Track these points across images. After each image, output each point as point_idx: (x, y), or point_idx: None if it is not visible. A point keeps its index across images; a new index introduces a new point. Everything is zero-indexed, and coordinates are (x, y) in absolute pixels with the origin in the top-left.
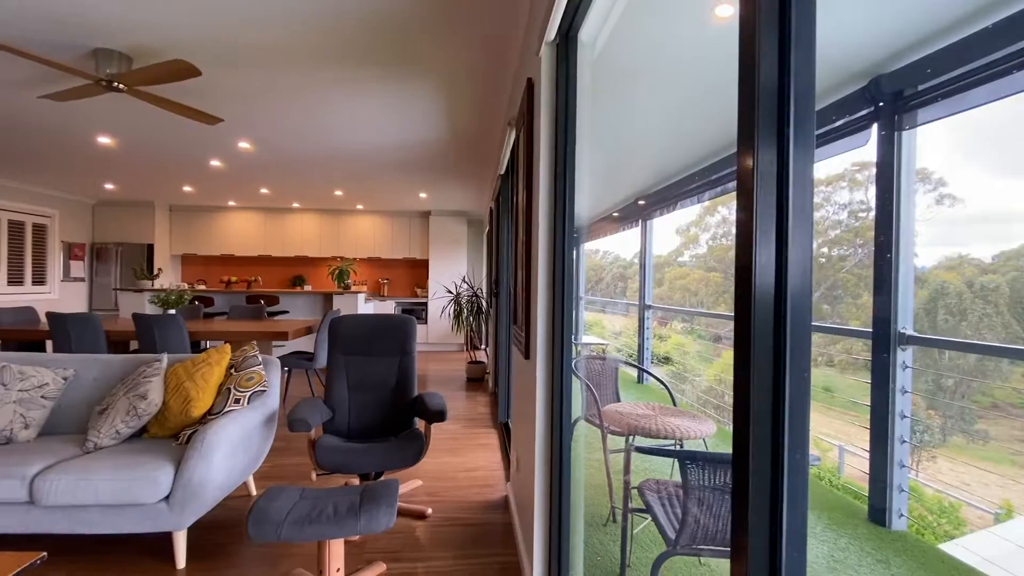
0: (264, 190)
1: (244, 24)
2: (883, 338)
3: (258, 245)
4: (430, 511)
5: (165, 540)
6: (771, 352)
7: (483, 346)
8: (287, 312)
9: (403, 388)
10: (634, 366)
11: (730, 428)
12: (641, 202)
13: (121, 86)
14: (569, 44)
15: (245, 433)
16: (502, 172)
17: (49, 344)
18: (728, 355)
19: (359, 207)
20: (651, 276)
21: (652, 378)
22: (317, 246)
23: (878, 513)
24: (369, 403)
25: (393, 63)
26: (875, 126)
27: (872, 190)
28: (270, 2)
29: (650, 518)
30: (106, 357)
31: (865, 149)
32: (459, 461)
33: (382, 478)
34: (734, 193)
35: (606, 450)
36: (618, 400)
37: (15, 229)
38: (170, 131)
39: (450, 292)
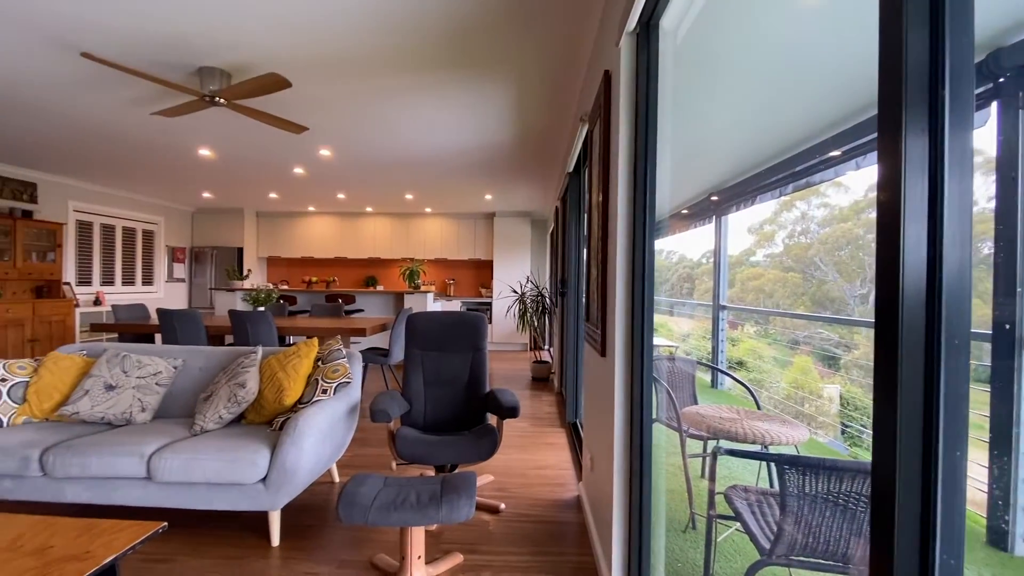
0: (341, 195)
1: (330, 36)
2: (1005, 342)
3: (335, 247)
4: (503, 506)
5: (261, 519)
6: (921, 360)
7: (547, 346)
8: (362, 310)
9: (475, 383)
10: (716, 369)
11: (817, 436)
12: (714, 197)
13: (222, 100)
14: (650, 33)
15: (331, 422)
16: (570, 169)
17: (158, 337)
18: (802, 361)
19: (427, 210)
20: (726, 276)
21: (730, 383)
22: (388, 248)
23: (998, 536)
24: (444, 397)
25: (466, 65)
26: (995, 104)
27: (993, 177)
28: (354, 15)
29: (736, 525)
30: (209, 349)
31: (983, 130)
32: (529, 458)
33: (456, 471)
34: (817, 187)
35: (684, 454)
36: (695, 403)
37: (128, 235)
38: (260, 141)
39: (515, 292)
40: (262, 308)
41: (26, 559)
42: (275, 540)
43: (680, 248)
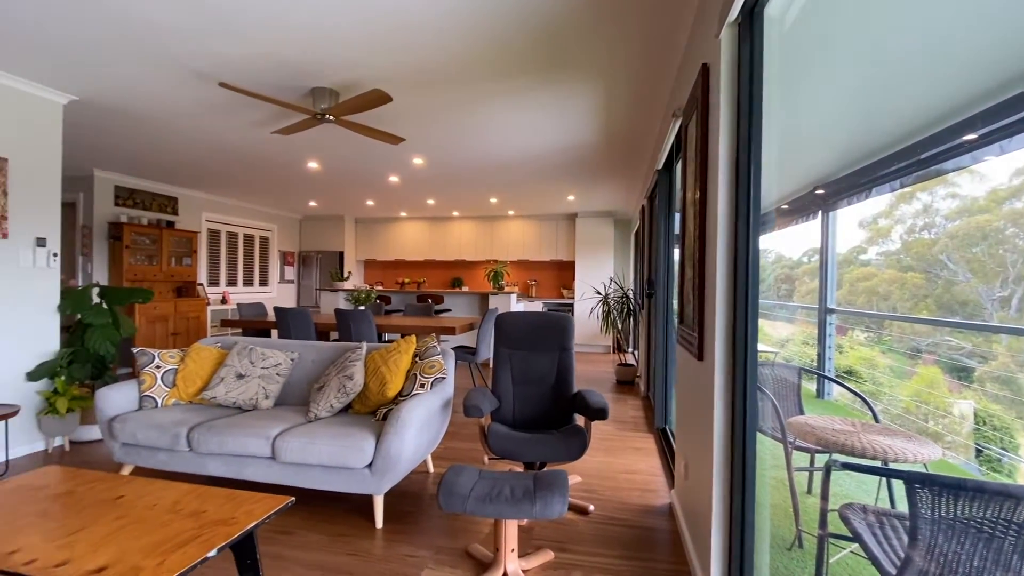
0: (430, 201)
1: (425, 52)
2: None
3: (424, 250)
4: (592, 508)
5: (366, 502)
6: None
7: (631, 348)
8: (450, 310)
9: (562, 383)
10: (825, 377)
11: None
12: (820, 191)
13: (331, 117)
14: (754, 21)
15: (428, 415)
16: (659, 166)
17: (274, 332)
18: (929, 372)
19: (510, 212)
20: (834, 276)
21: (837, 393)
22: (473, 250)
23: None
24: (531, 396)
25: (553, 68)
26: None
27: None
28: (447, 30)
29: (852, 547)
30: (320, 344)
31: None
32: (617, 462)
33: (545, 468)
34: (945, 176)
35: (790, 467)
36: (801, 413)
37: (248, 242)
38: (360, 153)
39: (598, 293)
40: (362, 307)
41: (186, 520)
42: (379, 523)
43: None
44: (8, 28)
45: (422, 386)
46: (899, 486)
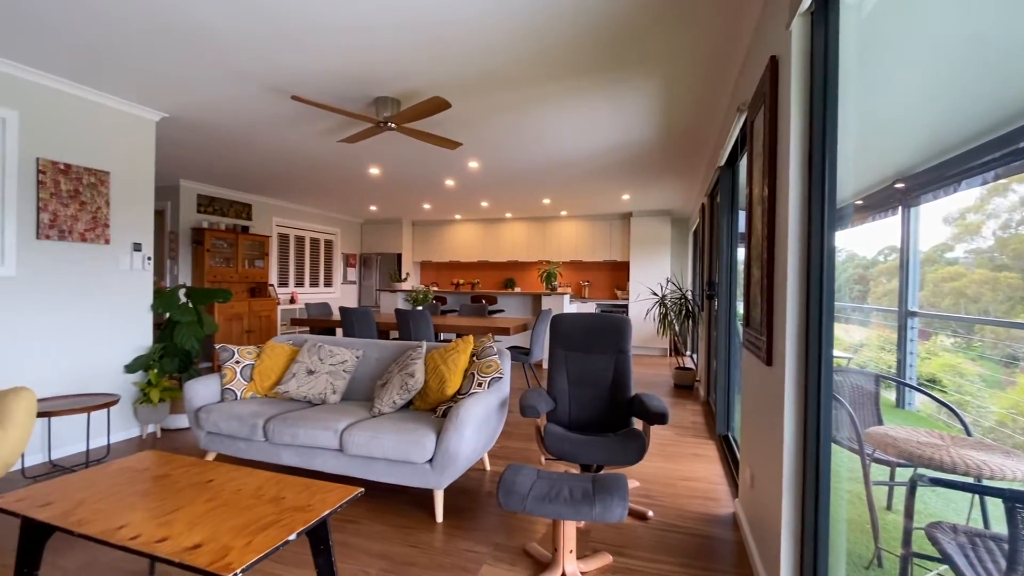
0: (484, 203)
1: (482, 58)
2: None
3: (478, 251)
4: (651, 513)
5: (426, 496)
6: None
7: (688, 352)
8: (503, 310)
9: (619, 386)
10: (908, 385)
11: None
12: (900, 184)
13: (392, 125)
14: (828, 10)
15: (486, 413)
16: (721, 163)
17: (338, 330)
18: None
19: (563, 213)
20: (916, 276)
21: (920, 403)
22: (525, 251)
23: None
24: (587, 398)
25: (610, 67)
26: None
27: None
28: (504, 35)
29: (940, 569)
30: (383, 342)
31: None
32: (676, 468)
33: (602, 472)
34: None
35: (868, 480)
36: (880, 423)
37: (314, 245)
38: (418, 158)
39: (654, 294)
40: (420, 307)
41: (267, 505)
42: (439, 517)
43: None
44: (110, 55)
45: (480, 385)
46: (994, 506)
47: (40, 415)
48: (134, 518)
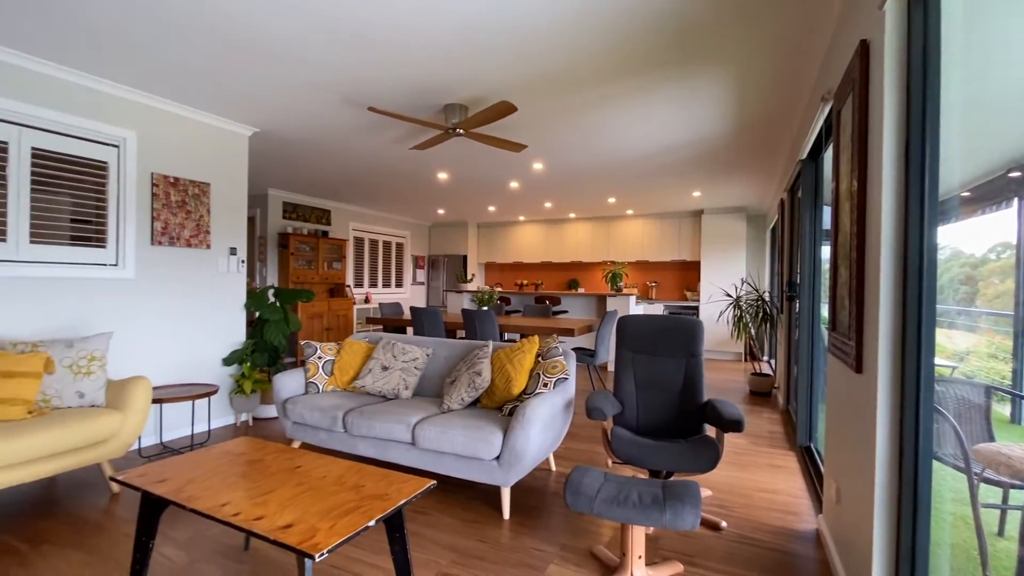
0: (548, 204)
1: (549, 60)
2: None
3: (541, 252)
4: (725, 524)
5: (493, 493)
6: None
7: (766, 356)
8: (567, 311)
9: (690, 391)
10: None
11: None
12: (1015, 174)
13: (461, 131)
14: None
15: (552, 413)
16: (803, 156)
17: (409, 329)
18: None
19: (629, 212)
20: None
21: None
22: (589, 251)
23: None
24: (656, 402)
25: (681, 61)
26: None
27: None
28: (571, 34)
29: None
30: (451, 341)
31: None
32: (752, 479)
33: (673, 478)
34: None
35: (976, 502)
36: (991, 439)
37: (386, 247)
38: (484, 162)
39: (728, 295)
40: (486, 308)
41: (348, 492)
42: (506, 514)
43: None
44: (210, 78)
45: (545, 385)
46: None
47: (154, 401)
48: (234, 497)
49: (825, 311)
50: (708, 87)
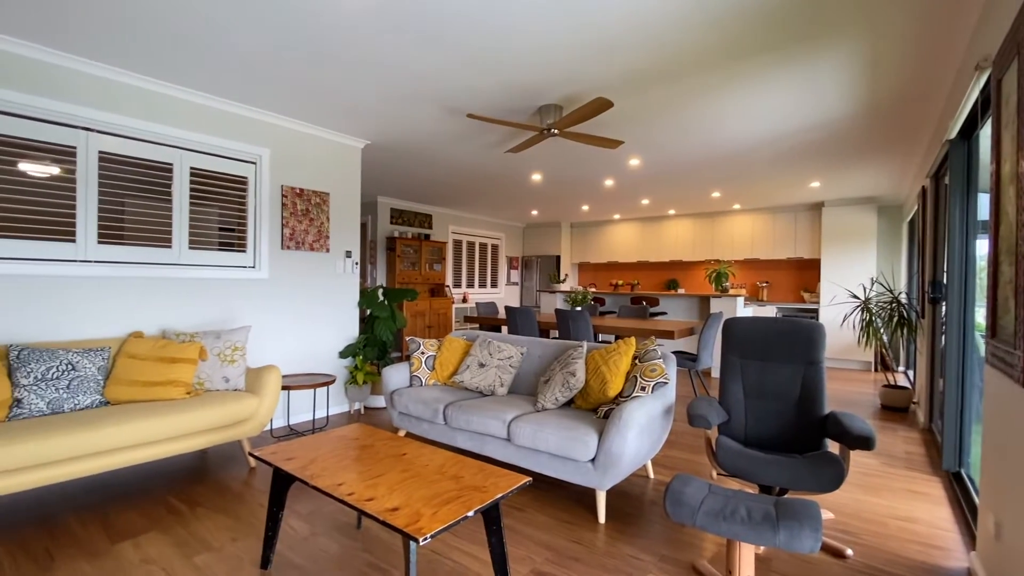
0: (645, 201)
1: (645, 51)
2: None
3: (636, 252)
4: (850, 552)
5: (588, 495)
6: None
7: (900, 367)
8: (665, 313)
9: (809, 402)
10: None
11: None
12: None
13: (555, 131)
14: None
15: (650, 418)
16: (951, 136)
17: (503, 328)
18: None
19: (736, 207)
20: None
21: None
22: (691, 250)
23: None
24: (767, 412)
25: (792, 41)
26: None
27: None
28: (670, 23)
29: None
30: (545, 340)
31: None
32: (884, 504)
33: (787, 496)
34: None
35: None
36: None
37: (482, 249)
38: (578, 161)
39: (855, 297)
40: (579, 308)
41: (448, 482)
42: (602, 517)
43: None
44: (331, 97)
45: (643, 389)
46: None
47: (283, 388)
48: (349, 478)
49: (980, 316)
50: (831, 66)
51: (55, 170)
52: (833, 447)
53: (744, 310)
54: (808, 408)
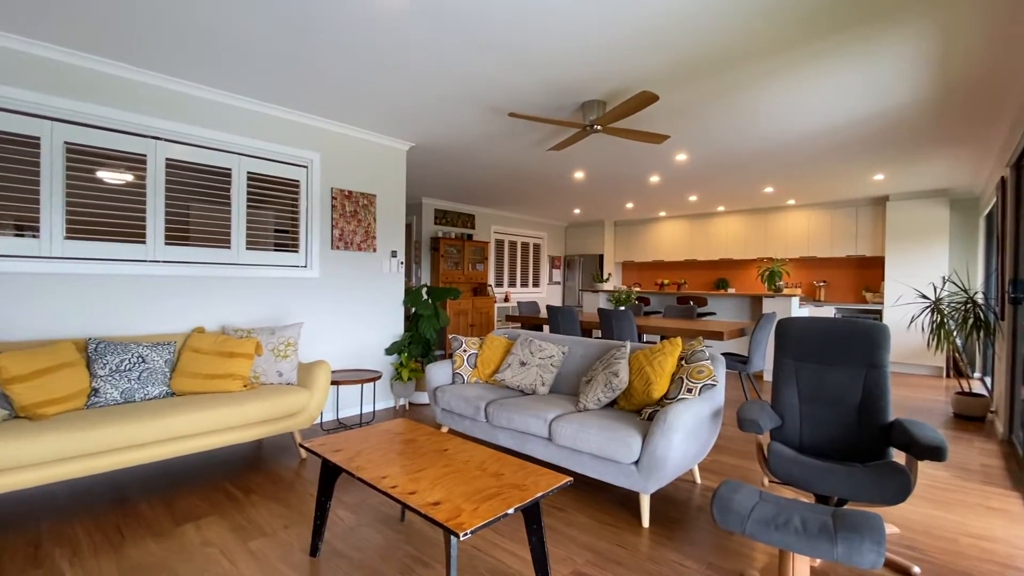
0: (692, 197)
1: (691, 41)
2: None
3: (684, 250)
4: (917, 570)
5: (631, 498)
6: None
7: (976, 373)
8: (714, 313)
9: (871, 408)
10: None
11: None
12: None
13: (598, 127)
14: None
15: (697, 422)
16: None
17: (545, 327)
18: None
19: (790, 202)
20: None
21: None
22: (742, 248)
23: None
24: (824, 418)
25: (860, 20)
26: None
27: None
28: (716, 11)
29: None
30: (587, 340)
31: None
32: (956, 520)
33: (846, 507)
34: None
35: None
36: None
37: (524, 249)
38: (622, 157)
39: (924, 297)
40: (623, 307)
41: (489, 479)
42: (645, 522)
43: None
44: (378, 103)
45: (689, 391)
46: None
47: (332, 383)
48: (392, 471)
49: None
50: (896, 49)
51: (128, 177)
52: (899, 457)
53: (800, 311)
54: (870, 414)
